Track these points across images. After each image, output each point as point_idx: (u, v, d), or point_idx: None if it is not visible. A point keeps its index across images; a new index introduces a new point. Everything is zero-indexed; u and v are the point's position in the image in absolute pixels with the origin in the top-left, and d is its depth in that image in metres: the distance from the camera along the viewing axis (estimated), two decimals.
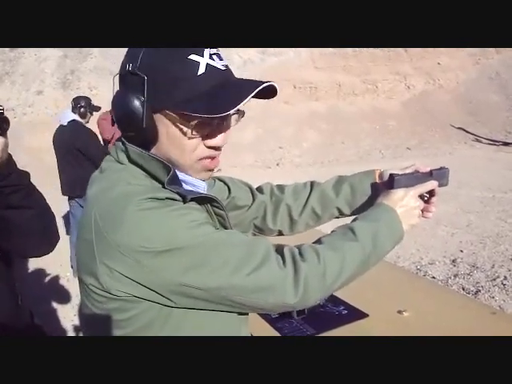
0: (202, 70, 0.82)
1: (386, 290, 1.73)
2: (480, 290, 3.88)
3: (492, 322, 1.42)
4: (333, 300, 1.61)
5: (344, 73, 14.52)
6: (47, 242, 1.37)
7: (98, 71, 12.24)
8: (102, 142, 4.52)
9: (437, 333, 1.32)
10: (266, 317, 1.52)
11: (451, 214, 5.96)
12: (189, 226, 0.79)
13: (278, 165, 11.26)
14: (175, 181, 0.87)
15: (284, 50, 14.09)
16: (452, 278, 4.18)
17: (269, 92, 0.87)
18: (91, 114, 4.39)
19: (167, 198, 0.81)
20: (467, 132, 13.44)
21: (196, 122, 0.83)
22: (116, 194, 0.81)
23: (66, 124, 4.19)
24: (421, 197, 1.07)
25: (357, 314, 1.52)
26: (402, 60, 15.21)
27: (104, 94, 10.58)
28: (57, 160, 4.39)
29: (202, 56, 0.82)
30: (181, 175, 0.90)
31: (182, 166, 0.89)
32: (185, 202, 0.84)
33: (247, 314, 0.96)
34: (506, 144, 12.13)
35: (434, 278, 4.19)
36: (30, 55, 12.67)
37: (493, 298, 3.74)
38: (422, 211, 1.08)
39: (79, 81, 12.32)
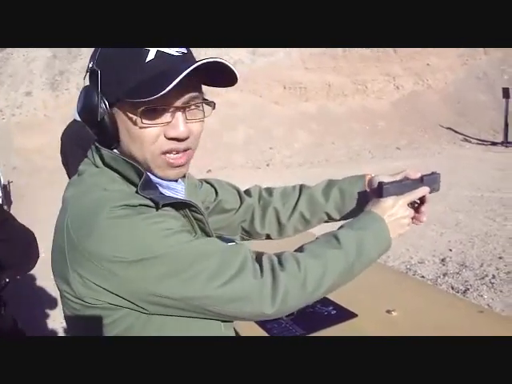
0: (150, 56, 0.80)
1: (375, 289, 1.74)
2: (469, 289, 3.91)
3: (479, 321, 1.44)
4: (322, 300, 1.61)
5: (334, 73, 14.55)
6: (27, 262, 1.41)
7: None
8: None
9: (425, 332, 1.33)
10: None
11: (440, 213, 6.01)
12: (162, 235, 0.77)
13: (268, 165, 11.25)
14: (149, 185, 0.85)
15: (274, 51, 14.10)
16: (441, 277, 4.21)
17: (228, 78, 0.84)
18: None
19: (141, 205, 0.79)
20: (456, 132, 13.54)
21: (142, 108, 0.79)
22: (90, 200, 0.79)
23: None
24: (411, 203, 1.05)
25: (346, 314, 1.52)
26: (392, 61, 15.28)
27: None
28: (68, 157, 4.20)
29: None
30: (155, 178, 0.88)
31: (145, 162, 0.85)
32: (158, 208, 0.81)
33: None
34: (494, 144, 12.24)
35: (423, 277, 4.22)
36: (18, 56, 12.55)
37: (481, 296, 3.78)
38: (413, 219, 1.05)
39: (68, 82, 12.22)
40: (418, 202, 1.08)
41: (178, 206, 0.87)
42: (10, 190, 7.78)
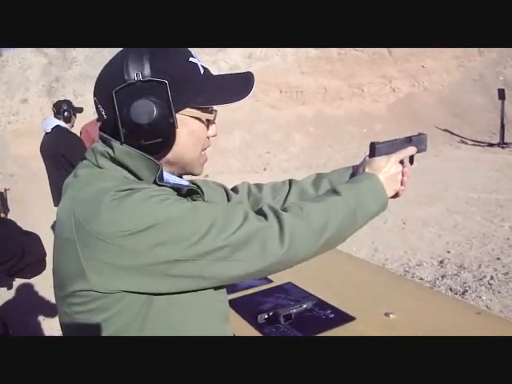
0: (201, 70, 0.91)
1: (373, 292, 1.74)
2: (467, 290, 3.90)
3: (477, 323, 1.44)
4: (319, 304, 1.62)
5: (330, 77, 14.58)
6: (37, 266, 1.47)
7: (82, 78, 12.16)
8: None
9: (423, 335, 1.33)
10: (252, 322, 1.52)
11: (438, 215, 6.01)
12: (166, 203, 0.80)
13: (265, 169, 11.25)
14: (161, 179, 0.89)
15: (270, 55, 14.13)
16: (439, 278, 4.20)
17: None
18: (75, 117, 4.33)
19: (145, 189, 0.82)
20: (453, 134, 13.57)
21: (215, 113, 0.93)
22: (92, 190, 0.81)
23: (50, 131, 4.13)
24: (400, 162, 1.13)
25: (344, 318, 1.52)
26: (387, 63, 15.31)
27: (89, 101, 10.49)
28: (46, 169, 4.31)
29: (195, 57, 0.90)
30: (165, 175, 0.91)
31: (192, 161, 0.94)
32: (179, 194, 0.88)
33: (227, 313, 0.98)
34: (490, 145, 12.26)
35: (421, 279, 4.21)
36: (13, 63, 12.55)
37: (480, 297, 3.77)
38: (402, 176, 1.14)
39: (64, 88, 12.23)
40: (406, 162, 1.16)
41: (185, 194, 0.92)
42: (7, 197, 7.79)
